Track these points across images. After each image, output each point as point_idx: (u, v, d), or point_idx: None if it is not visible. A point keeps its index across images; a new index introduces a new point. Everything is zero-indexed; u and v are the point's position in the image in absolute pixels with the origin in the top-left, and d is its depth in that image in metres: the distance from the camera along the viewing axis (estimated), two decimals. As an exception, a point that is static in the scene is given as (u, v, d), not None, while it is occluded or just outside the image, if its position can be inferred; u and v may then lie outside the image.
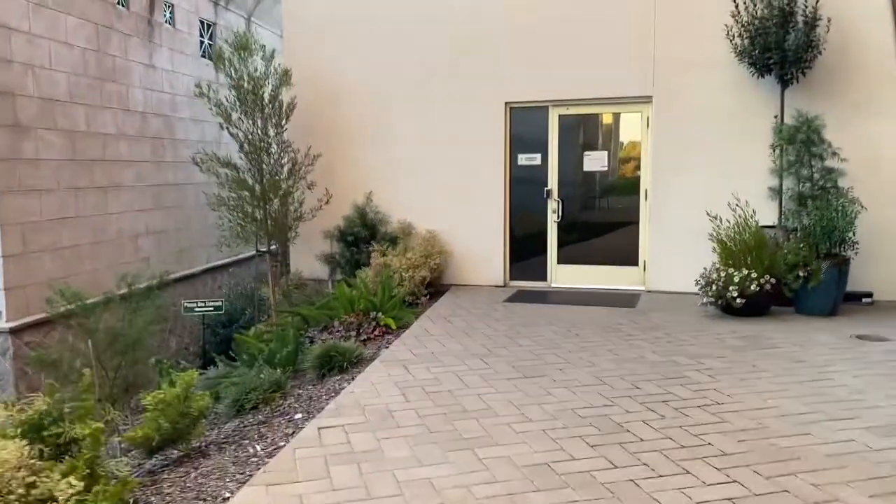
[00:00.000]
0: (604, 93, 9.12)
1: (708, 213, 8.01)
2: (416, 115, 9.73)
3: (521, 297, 9.03)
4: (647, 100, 9.00)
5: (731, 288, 7.41)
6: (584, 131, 9.65)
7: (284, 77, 9.13)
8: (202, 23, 12.51)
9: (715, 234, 7.93)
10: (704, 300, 7.64)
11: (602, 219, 9.70)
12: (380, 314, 7.60)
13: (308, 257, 9.99)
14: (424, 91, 9.66)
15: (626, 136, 9.51)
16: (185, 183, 11.49)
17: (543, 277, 9.60)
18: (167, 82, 11.29)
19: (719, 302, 7.57)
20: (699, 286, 7.73)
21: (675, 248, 8.86)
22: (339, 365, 6.23)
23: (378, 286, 8.22)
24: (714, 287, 7.53)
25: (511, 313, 8.06)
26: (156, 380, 7.64)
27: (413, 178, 9.79)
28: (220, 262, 12.27)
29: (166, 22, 11.48)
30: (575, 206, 9.58)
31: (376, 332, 7.39)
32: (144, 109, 10.76)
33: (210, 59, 12.18)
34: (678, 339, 6.80)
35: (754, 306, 7.50)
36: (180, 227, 11.49)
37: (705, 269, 7.83)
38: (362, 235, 9.58)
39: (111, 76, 10.11)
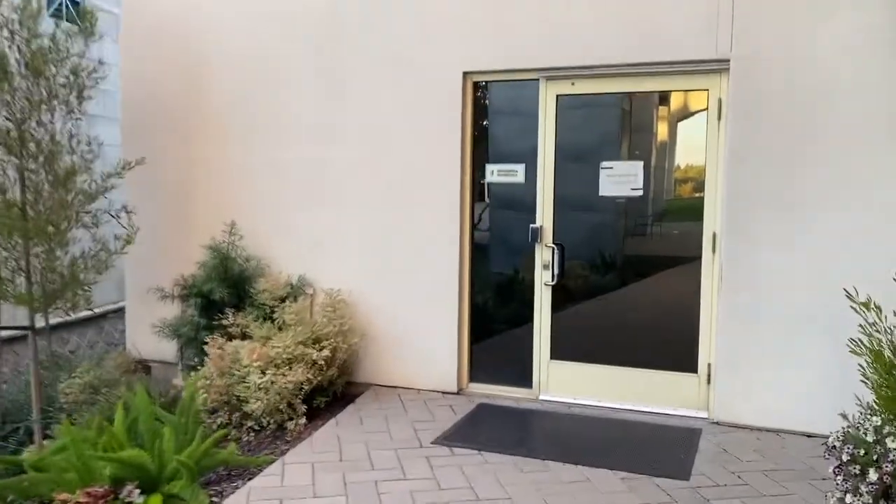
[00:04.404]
0: (637, 55, 4.96)
1: (850, 297, 3.75)
2: (318, 96, 5.75)
3: (480, 424, 4.92)
4: (718, 67, 4.83)
5: (913, 477, 3.21)
6: (601, 125, 5.51)
7: (86, 21, 5.25)
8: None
9: (867, 338, 3.70)
10: (848, 499, 3.39)
11: (630, 283, 5.48)
12: (136, 494, 3.59)
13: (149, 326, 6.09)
14: (331, 57, 5.68)
15: (678, 135, 5.34)
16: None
17: (526, 381, 5.46)
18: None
19: (884, 504, 3.34)
20: (833, 457, 3.51)
21: (770, 344, 4.68)
22: None
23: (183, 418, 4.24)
24: (872, 471, 3.31)
25: (439, 481, 3.95)
26: None
27: (308, 202, 5.81)
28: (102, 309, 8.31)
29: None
30: (582, 257, 5.44)
31: (112, 545, 3.41)
32: None
33: (70, 20, 8.30)
34: None
35: (966, 517, 3.29)
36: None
37: (845, 416, 3.62)
38: (219, 297, 5.61)
39: None
